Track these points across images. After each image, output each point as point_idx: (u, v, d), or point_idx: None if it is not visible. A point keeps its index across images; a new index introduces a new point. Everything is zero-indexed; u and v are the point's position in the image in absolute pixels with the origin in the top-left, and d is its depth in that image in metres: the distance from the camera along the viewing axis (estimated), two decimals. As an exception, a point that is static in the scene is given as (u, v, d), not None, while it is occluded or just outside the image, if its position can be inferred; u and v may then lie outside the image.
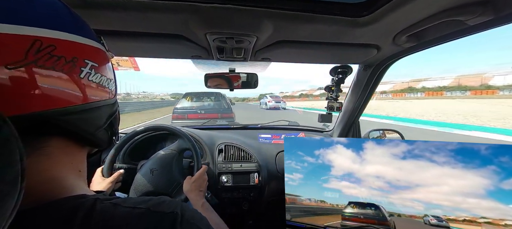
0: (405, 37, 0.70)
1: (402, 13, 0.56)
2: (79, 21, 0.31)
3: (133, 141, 1.06)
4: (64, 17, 0.29)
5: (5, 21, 0.23)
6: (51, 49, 0.25)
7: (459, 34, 0.65)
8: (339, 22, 0.62)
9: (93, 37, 0.32)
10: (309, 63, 1.08)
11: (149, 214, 0.28)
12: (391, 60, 0.97)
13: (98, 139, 0.35)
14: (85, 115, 0.30)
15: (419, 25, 0.62)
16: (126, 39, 0.72)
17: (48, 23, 0.26)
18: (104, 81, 0.33)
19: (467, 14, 0.54)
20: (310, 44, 0.79)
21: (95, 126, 0.33)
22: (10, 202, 0.18)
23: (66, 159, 0.31)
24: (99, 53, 0.33)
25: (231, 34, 0.68)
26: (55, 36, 0.26)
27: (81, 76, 0.29)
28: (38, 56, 0.24)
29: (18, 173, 0.18)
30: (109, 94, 0.36)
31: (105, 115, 0.35)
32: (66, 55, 0.27)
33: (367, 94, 1.20)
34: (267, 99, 20.49)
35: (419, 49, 0.81)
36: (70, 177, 0.31)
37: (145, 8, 0.54)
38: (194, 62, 1.08)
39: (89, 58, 0.30)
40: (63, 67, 0.27)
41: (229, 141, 1.20)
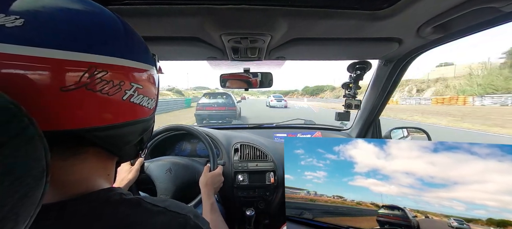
0: (431, 29, 0.65)
1: (427, 2, 0.52)
2: (133, 41, 0.33)
3: (155, 140, 1.12)
4: (119, 42, 0.30)
5: (66, 48, 0.24)
6: (103, 75, 0.27)
7: (493, 22, 0.59)
8: (357, 16, 0.59)
9: (144, 59, 0.34)
10: (325, 60, 1.05)
11: (166, 212, 0.32)
12: (414, 53, 0.91)
13: (125, 153, 0.37)
14: (117, 132, 0.31)
15: (447, 14, 0.57)
16: (147, 44, 0.75)
17: (104, 50, 0.27)
18: (144, 101, 0.34)
19: (502, 0, 0.49)
20: (326, 40, 0.77)
21: (125, 141, 0.34)
22: (37, 194, 0.20)
23: (98, 165, 0.34)
24: (146, 75, 0.34)
25: (245, 34, 0.69)
26: (109, 62, 0.28)
27: (124, 98, 0.30)
28: (90, 80, 0.26)
29: (44, 168, 0.20)
30: (147, 112, 0.36)
31: (139, 131, 0.36)
32: (115, 79, 0.28)
33: (388, 90, 1.13)
34: (270, 98, 22.98)
35: (447, 41, 0.75)
36: (99, 179, 0.34)
37: (164, 13, 0.57)
38: (209, 63, 1.10)
39: (136, 81, 0.31)
40: (109, 90, 0.28)
41: (244, 140, 1.21)
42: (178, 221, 0.32)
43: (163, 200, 0.35)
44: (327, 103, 30.34)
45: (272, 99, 21.78)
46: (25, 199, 0.18)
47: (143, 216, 0.30)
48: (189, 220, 0.33)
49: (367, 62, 1.05)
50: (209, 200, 0.74)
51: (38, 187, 0.20)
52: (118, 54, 0.29)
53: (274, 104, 20.77)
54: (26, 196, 0.18)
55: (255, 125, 1.58)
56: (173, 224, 0.31)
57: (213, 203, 0.74)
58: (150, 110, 0.37)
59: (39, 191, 0.20)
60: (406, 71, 1.04)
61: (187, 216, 0.33)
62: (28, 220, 0.19)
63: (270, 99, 22.16)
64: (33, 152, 0.19)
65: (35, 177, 0.19)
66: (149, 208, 0.32)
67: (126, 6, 0.54)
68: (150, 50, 0.40)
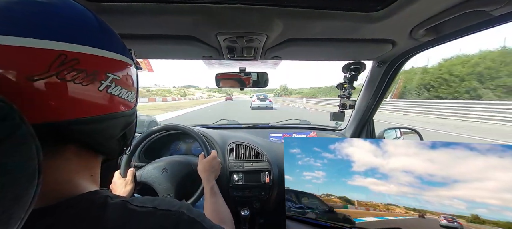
0: (423, 31, 0.67)
1: (420, 5, 0.53)
2: (107, 34, 0.32)
3: (148, 140, 1.10)
4: (91, 31, 0.29)
5: (33, 36, 0.24)
6: (74, 63, 0.26)
7: (483, 26, 0.61)
8: (352, 17, 0.60)
9: (119, 50, 0.33)
10: (320, 61, 1.06)
11: (156, 212, 0.31)
12: (407, 55, 0.93)
13: (109, 148, 0.35)
14: (98, 126, 0.30)
15: (439, 17, 0.58)
16: (140, 42, 0.74)
17: (74, 38, 0.26)
18: (123, 94, 0.33)
19: (492, 4, 0.50)
20: (322, 41, 0.78)
21: (107, 136, 0.33)
22: (30, 194, 0.19)
23: (81, 164, 0.32)
24: (122, 66, 0.33)
25: (241, 33, 0.69)
26: (80, 50, 0.27)
27: (100, 89, 0.29)
28: (60, 69, 0.25)
29: (36, 168, 0.20)
30: (127, 106, 0.35)
31: (120, 125, 0.35)
32: (88, 68, 0.27)
33: (382, 91, 1.15)
34: (253, 98, 18.56)
35: (438, 43, 0.77)
36: (82, 180, 0.32)
37: (158, 11, 0.56)
38: (205, 62, 1.10)
39: (111, 71, 0.31)
40: (83, 80, 0.27)
41: (240, 140, 1.21)
42: (170, 219, 0.31)
43: (152, 200, 0.33)
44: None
45: (254, 99, 17.54)
46: (17, 199, 0.18)
47: (131, 220, 0.29)
48: (182, 215, 0.32)
49: (362, 63, 1.06)
50: (209, 184, 0.74)
51: (30, 187, 0.19)
52: (91, 43, 0.28)
53: (256, 105, 16.95)
54: (18, 197, 0.18)
55: (250, 125, 1.58)
56: (165, 224, 0.30)
57: (213, 186, 0.73)
58: (131, 103, 0.36)
59: (31, 191, 0.19)
60: (399, 72, 1.06)
61: (179, 211, 0.32)
62: (19, 222, 0.19)
63: (253, 100, 17.76)
64: (26, 151, 0.19)
65: (28, 177, 0.19)
66: (137, 210, 0.30)
67: (120, 3, 0.53)
68: (145, 49, 0.39)
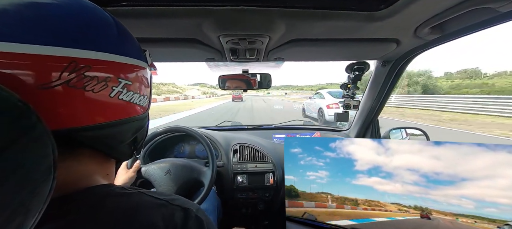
0: (428, 29, 0.66)
1: (425, 3, 0.53)
2: (120, 36, 0.31)
3: (153, 142, 1.11)
4: (103, 36, 0.28)
5: (44, 43, 0.23)
6: (85, 70, 0.25)
7: (489, 22, 0.60)
8: (355, 17, 0.60)
9: (132, 54, 0.32)
10: (323, 61, 1.05)
11: (168, 205, 0.32)
12: (412, 54, 0.92)
13: (120, 152, 0.35)
14: (109, 131, 0.30)
15: (444, 15, 0.57)
16: (144, 45, 0.74)
17: (85, 44, 0.26)
18: (135, 99, 0.32)
19: (498, 1, 0.49)
20: (325, 41, 0.77)
21: (118, 141, 0.33)
22: (46, 188, 0.20)
23: (96, 165, 0.33)
24: (135, 71, 0.32)
25: (243, 35, 0.69)
26: (91, 56, 0.26)
27: (111, 95, 0.28)
28: (71, 77, 0.24)
29: (51, 164, 0.21)
30: (139, 110, 0.35)
31: (132, 130, 0.34)
32: (100, 75, 0.27)
33: (386, 91, 1.14)
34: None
35: (444, 41, 0.76)
36: (98, 177, 0.33)
37: (162, 14, 0.56)
38: (208, 64, 1.10)
39: (123, 76, 0.30)
40: (94, 87, 0.26)
41: (243, 141, 1.21)
42: (180, 214, 0.31)
43: (166, 194, 0.34)
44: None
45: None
46: (33, 194, 0.19)
47: (146, 207, 0.30)
48: (191, 213, 0.32)
49: (365, 63, 1.05)
50: None
51: (46, 182, 0.20)
52: (103, 48, 0.27)
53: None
54: (34, 191, 0.19)
55: (254, 127, 1.58)
56: (175, 217, 0.30)
57: None
58: (143, 108, 0.36)
59: (47, 186, 0.20)
60: (404, 71, 1.05)
61: (190, 209, 0.32)
62: (37, 215, 0.20)
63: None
64: (41, 149, 0.20)
65: (43, 173, 0.20)
66: (151, 200, 0.31)
67: (124, 7, 0.54)
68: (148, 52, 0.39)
